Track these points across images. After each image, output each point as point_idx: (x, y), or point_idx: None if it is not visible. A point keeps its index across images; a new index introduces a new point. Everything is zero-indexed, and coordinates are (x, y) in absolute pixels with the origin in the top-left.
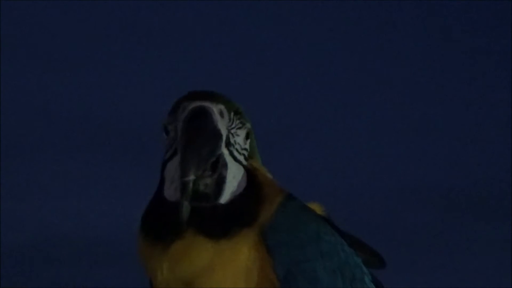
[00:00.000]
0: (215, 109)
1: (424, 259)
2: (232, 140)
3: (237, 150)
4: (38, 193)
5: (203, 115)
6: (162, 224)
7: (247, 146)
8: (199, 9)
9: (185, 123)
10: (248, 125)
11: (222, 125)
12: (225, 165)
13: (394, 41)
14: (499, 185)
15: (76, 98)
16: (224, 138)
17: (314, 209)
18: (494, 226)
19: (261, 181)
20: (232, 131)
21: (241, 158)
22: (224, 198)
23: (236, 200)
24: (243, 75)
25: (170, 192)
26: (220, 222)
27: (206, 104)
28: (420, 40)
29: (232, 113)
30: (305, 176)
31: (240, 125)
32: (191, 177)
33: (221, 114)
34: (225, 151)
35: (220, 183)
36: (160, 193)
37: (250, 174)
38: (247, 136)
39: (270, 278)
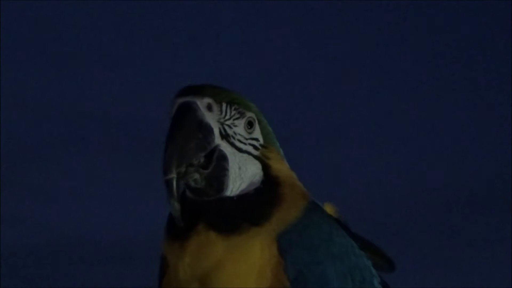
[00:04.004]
0: (200, 103)
1: (431, 262)
2: (230, 132)
3: (239, 140)
4: (42, 195)
5: (185, 112)
6: (174, 224)
7: (254, 136)
8: (205, 8)
9: (172, 121)
10: (250, 114)
11: (210, 119)
12: (223, 157)
13: (401, 44)
14: (499, 185)
15: (87, 99)
16: (216, 131)
17: (327, 210)
18: (494, 226)
19: (276, 174)
20: (227, 122)
21: (248, 148)
22: (230, 190)
23: (250, 194)
24: (249, 77)
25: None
26: (228, 216)
27: (190, 99)
28: (427, 43)
29: (224, 105)
30: (317, 177)
31: (237, 116)
32: (172, 175)
33: (209, 107)
34: (223, 143)
35: (220, 175)
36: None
37: (264, 164)
38: (250, 125)
39: (281, 279)
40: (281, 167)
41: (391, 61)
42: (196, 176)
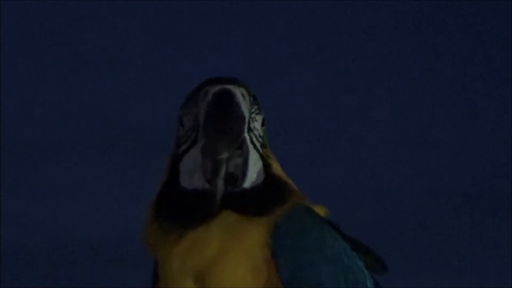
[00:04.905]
0: (238, 91)
1: (426, 262)
2: (251, 125)
3: (255, 136)
4: (42, 195)
5: (229, 97)
6: (184, 212)
7: (262, 134)
8: (205, 9)
9: (212, 105)
10: (263, 112)
11: (245, 108)
12: (247, 149)
13: (399, 43)
14: (499, 185)
15: (87, 99)
16: (247, 121)
17: (318, 212)
18: (494, 226)
19: (276, 173)
20: (252, 115)
21: (258, 145)
22: (247, 183)
23: (255, 188)
24: (249, 76)
25: (192, 182)
26: (240, 208)
27: (230, 87)
28: (426, 42)
29: (251, 98)
30: (309, 177)
31: (258, 111)
32: (225, 154)
33: (243, 97)
34: (247, 136)
35: (244, 167)
36: (174, 185)
37: (265, 163)
38: (263, 123)
39: (275, 281)
40: (279, 168)
41: (389, 60)
42: (239, 160)
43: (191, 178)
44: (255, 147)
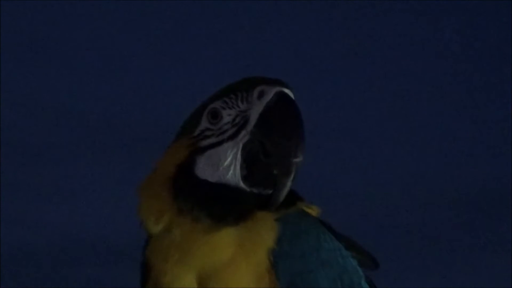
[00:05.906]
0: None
1: (425, 262)
2: None
3: None
4: (42, 195)
5: (292, 100)
6: (216, 205)
7: None
8: (204, 9)
9: (280, 107)
10: None
11: None
12: None
13: (400, 44)
14: (499, 185)
15: (86, 99)
16: None
17: (310, 211)
18: (494, 226)
19: None
20: None
21: None
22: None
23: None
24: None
25: (221, 176)
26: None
27: (288, 90)
28: (427, 43)
29: None
30: (307, 176)
31: None
32: (301, 157)
33: None
34: None
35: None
36: (188, 173)
37: None
38: None
39: (275, 286)
40: None
41: (390, 61)
42: (300, 165)
43: (220, 172)
44: None
